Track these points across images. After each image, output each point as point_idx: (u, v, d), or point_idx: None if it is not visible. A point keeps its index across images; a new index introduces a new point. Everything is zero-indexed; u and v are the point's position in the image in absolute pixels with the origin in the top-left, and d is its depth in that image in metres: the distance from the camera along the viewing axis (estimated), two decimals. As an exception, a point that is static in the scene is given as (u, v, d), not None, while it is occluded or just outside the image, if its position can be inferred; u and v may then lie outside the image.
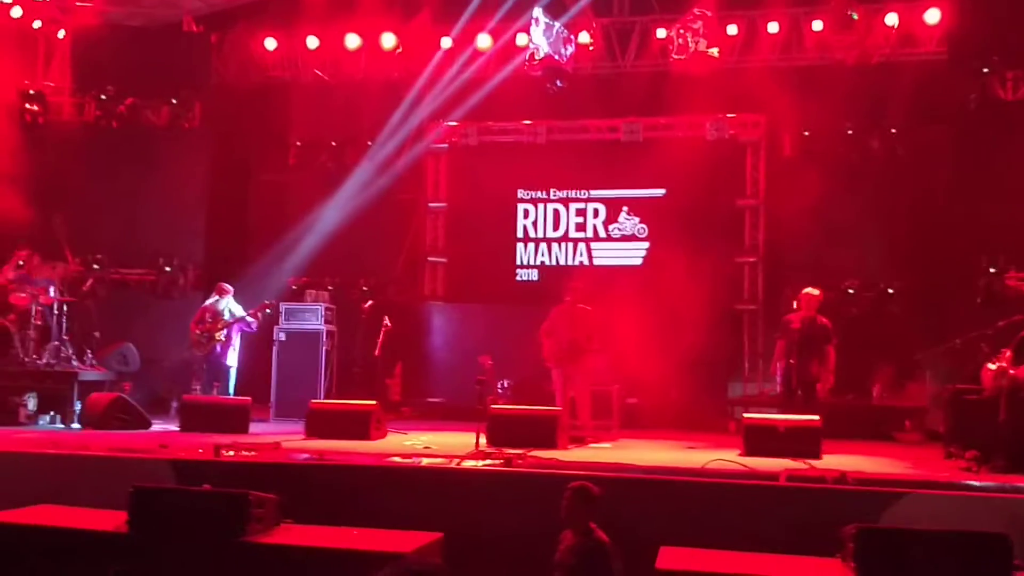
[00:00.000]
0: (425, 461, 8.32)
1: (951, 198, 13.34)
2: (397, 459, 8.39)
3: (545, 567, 6.16)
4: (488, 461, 8.29)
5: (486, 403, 10.01)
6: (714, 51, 14.02)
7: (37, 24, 15.32)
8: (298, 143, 16.56)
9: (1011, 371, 8.43)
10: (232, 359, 12.46)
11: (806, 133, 14.58)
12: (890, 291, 14.01)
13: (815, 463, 8.50)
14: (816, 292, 10.81)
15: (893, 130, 14.16)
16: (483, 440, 9.21)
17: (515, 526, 7.06)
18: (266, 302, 12.74)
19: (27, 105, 15.00)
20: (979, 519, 6.51)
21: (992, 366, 8.65)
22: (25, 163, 14.02)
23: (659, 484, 7.42)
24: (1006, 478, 7.59)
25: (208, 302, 12.63)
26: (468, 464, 8.17)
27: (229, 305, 12.53)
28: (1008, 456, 8.10)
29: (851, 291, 14.10)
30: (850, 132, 14.35)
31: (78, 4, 15.26)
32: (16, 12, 14.86)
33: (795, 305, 11.07)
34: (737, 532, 6.59)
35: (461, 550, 6.65)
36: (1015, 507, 6.68)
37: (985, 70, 13.15)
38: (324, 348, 13.01)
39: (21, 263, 12.56)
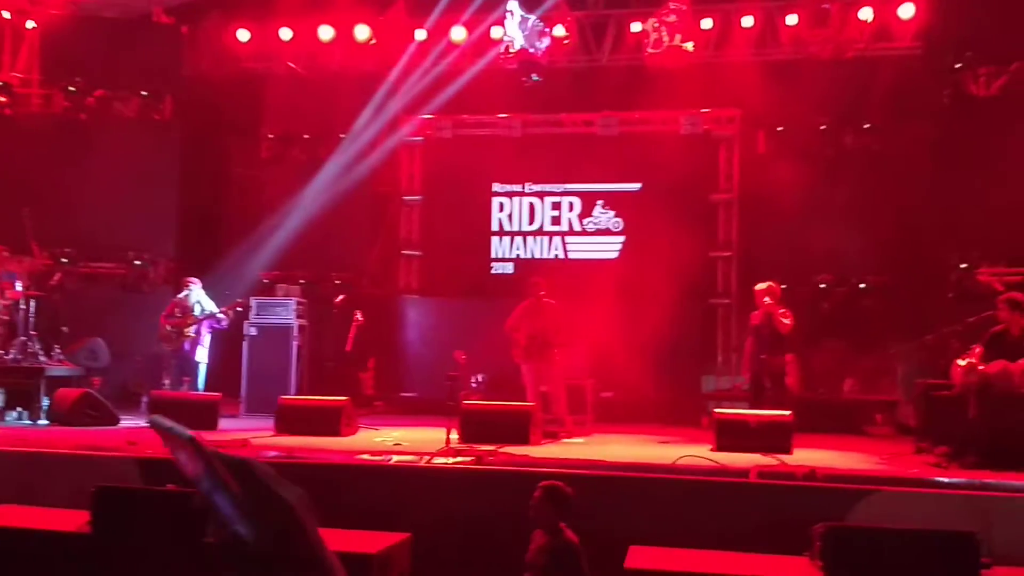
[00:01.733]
0: (395, 458, 8.24)
1: (925, 194, 13.36)
2: (366, 457, 8.32)
3: (516, 567, 6.11)
4: (459, 458, 8.23)
5: (458, 399, 9.95)
6: (689, 45, 14.01)
7: (5, 14, 15.11)
8: (271, 136, 16.39)
9: (980, 367, 8.45)
10: (202, 354, 12.33)
11: (780, 128, 14.58)
12: (863, 286, 14.04)
13: (786, 459, 8.49)
14: (763, 286, 10.81)
15: (867, 125, 14.18)
16: (455, 436, 9.17)
17: (485, 524, 7.02)
18: (238, 300, 12.61)
19: (-5, 97, 14.84)
20: (948, 516, 6.52)
21: (962, 362, 8.67)
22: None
23: (629, 481, 7.39)
24: (976, 474, 7.61)
25: (178, 296, 12.50)
26: (438, 461, 8.11)
27: (199, 297, 12.40)
28: (978, 452, 8.12)
29: (824, 286, 14.12)
30: (824, 127, 14.36)
31: (47, -5, 15.09)
32: (-16, 3, 14.68)
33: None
34: (707, 530, 6.58)
35: (430, 549, 6.62)
36: (984, 504, 6.69)
37: (958, 66, 13.18)
38: (295, 343, 12.92)
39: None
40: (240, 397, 12.72)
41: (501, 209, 15.91)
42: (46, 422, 11.07)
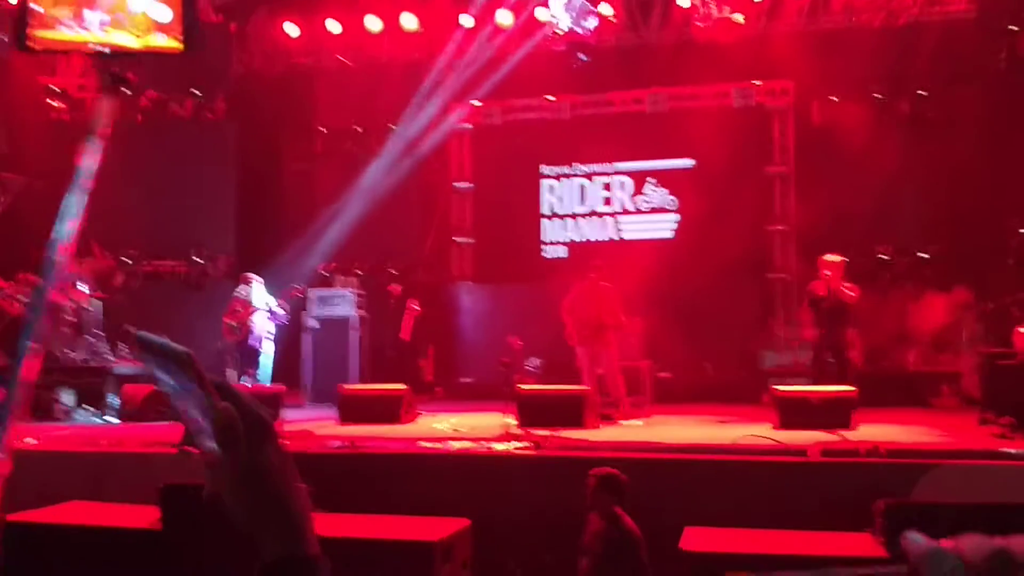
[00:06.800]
0: (454, 445, 8.32)
1: (982, 160, 13.10)
2: (426, 444, 8.40)
3: (572, 551, 6.15)
4: (516, 443, 8.27)
5: (513, 384, 9.99)
6: (739, 17, 13.88)
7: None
8: (323, 130, 16.59)
9: (1044, 335, 8.30)
10: (266, 347, 12.53)
11: (834, 98, 14.37)
12: (924, 256, 13.80)
13: (848, 435, 8.40)
14: (836, 258, 10.60)
15: (922, 92, 13.94)
16: (512, 421, 9.21)
17: (543, 509, 7.06)
18: (295, 287, 12.76)
19: (51, 102, 15.12)
20: (1013, 488, 6.43)
21: (1023, 329, 8.51)
22: (51, 160, 14.14)
23: (688, 463, 7.38)
24: (1041, 444, 7.49)
25: (236, 293, 12.69)
26: (496, 447, 8.17)
27: (258, 292, 12.58)
28: (1043, 421, 7.99)
29: (884, 257, 13.92)
30: (878, 96, 14.13)
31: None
32: (38, 9, 14.93)
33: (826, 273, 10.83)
34: (768, 509, 6.56)
35: (491, 535, 6.68)
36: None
37: (1013, 28, 12.89)
38: (356, 333, 13.06)
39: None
40: (303, 388, 12.89)
41: (551, 191, 15.89)
42: (116, 420, 11.31)
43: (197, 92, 15.61)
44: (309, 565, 1.18)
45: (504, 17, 15.28)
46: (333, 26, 15.87)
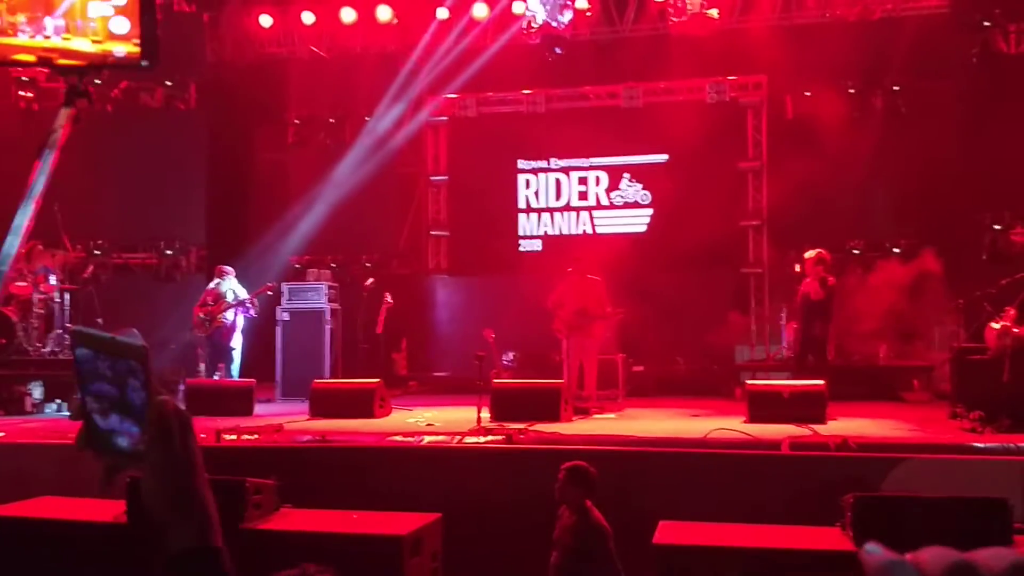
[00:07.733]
0: (427, 439, 8.28)
1: (955, 154, 13.17)
2: (399, 438, 8.36)
3: (544, 543, 6.13)
4: (490, 437, 8.25)
5: (487, 378, 9.96)
6: (713, 12, 13.87)
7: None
8: (296, 120, 16.49)
9: (1015, 330, 8.35)
10: (236, 341, 12.44)
11: (807, 93, 14.40)
12: (896, 250, 13.87)
13: (819, 428, 8.44)
14: (809, 254, 10.70)
15: (895, 87, 14.00)
16: (486, 415, 9.18)
17: (515, 502, 7.05)
18: (268, 284, 12.67)
19: (21, 92, 14.94)
20: (982, 482, 6.47)
21: (995, 325, 8.57)
22: (21, 151, 13.98)
23: (660, 456, 7.38)
24: (1010, 438, 7.53)
25: (210, 285, 12.59)
26: (470, 441, 8.14)
27: (232, 286, 12.49)
28: (1012, 415, 8.04)
29: (856, 251, 13.97)
30: (852, 91, 14.18)
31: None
32: (7, -2, 14.74)
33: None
34: (739, 503, 6.57)
35: (462, 529, 6.65)
36: (1019, 468, 6.62)
37: (986, 23, 12.96)
38: (328, 326, 12.98)
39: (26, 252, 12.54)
40: (275, 382, 12.81)
41: (528, 186, 15.87)
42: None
43: (168, 82, 15.43)
44: (216, 556, 1.26)
45: (480, 10, 15.21)
46: (307, 17, 15.73)
